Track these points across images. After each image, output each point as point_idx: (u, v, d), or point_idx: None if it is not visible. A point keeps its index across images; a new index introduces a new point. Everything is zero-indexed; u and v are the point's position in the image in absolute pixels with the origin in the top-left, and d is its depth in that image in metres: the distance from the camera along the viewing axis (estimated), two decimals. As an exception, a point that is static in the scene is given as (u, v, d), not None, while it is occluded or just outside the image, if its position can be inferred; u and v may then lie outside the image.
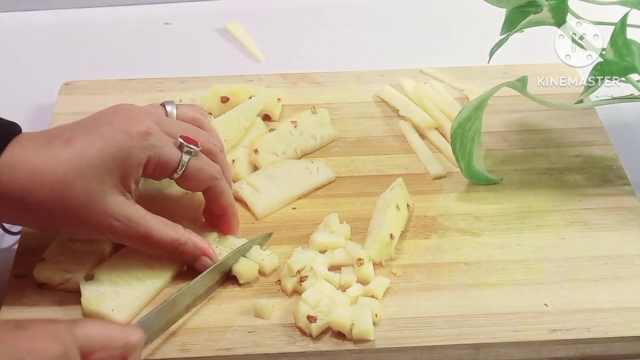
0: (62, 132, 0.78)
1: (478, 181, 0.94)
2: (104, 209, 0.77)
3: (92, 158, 0.76)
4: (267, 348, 0.78)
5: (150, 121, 0.79)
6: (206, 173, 0.81)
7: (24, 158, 0.75)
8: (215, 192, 0.83)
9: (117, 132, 0.77)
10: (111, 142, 0.76)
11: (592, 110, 1.03)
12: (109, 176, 0.76)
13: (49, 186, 0.75)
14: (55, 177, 0.75)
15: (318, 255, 0.85)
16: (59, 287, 0.82)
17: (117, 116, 0.79)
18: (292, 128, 0.98)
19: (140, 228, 0.79)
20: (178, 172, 0.80)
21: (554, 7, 0.90)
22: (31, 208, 0.76)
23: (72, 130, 0.78)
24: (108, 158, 0.76)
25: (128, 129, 0.77)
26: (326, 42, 1.21)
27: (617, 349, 0.79)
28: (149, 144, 0.77)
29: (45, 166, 0.75)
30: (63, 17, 1.25)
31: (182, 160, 0.79)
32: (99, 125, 0.78)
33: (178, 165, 0.79)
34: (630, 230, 0.89)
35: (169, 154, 0.79)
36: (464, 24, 1.23)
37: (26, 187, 0.75)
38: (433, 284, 0.83)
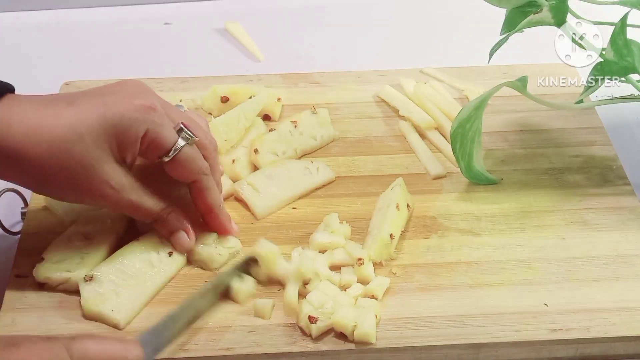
0: (65, 96, 0.78)
1: (478, 181, 0.94)
2: (99, 174, 0.77)
3: (92, 122, 0.76)
4: (267, 348, 0.78)
5: (156, 99, 0.80)
6: (196, 164, 0.81)
7: (23, 114, 0.74)
8: (201, 187, 0.83)
9: (121, 101, 0.77)
10: (113, 109, 0.76)
11: (592, 110, 1.03)
12: (106, 142, 0.76)
13: (46, 145, 0.74)
14: (53, 136, 0.74)
15: (318, 255, 0.85)
16: (59, 287, 0.82)
17: (124, 88, 0.79)
18: (292, 128, 0.98)
19: (131, 196, 0.79)
20: (170, 155, 0.79)
21: (554, 7, 0.90)
22: (27, 165, 0.75)
23: (76, 95, 0.79)
24: (108, 124, 0.76)
25: (133, 100, 0.77)
26: (326, 42, 1.21)
27: (617, 349, 0.79)
28: (150, 118, 0.77)
29: (44, 124, 0.74)
30: (63, 17, 1.25)
31: (177, 143, 0.79)
32: (104, 93, 0.79)
33: (171, 149, 0.79)
34: (630, 230, 0.89)
35: (166, 135, 0.79)
36: (464, 24, 1.24)
37: (23, 143, 0.74)
38: (433, 284, 0.83)
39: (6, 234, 0.90)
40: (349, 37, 1.23)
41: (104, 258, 0.83)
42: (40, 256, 0.83)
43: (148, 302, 0.81)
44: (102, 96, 0.78)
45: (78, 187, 0.77)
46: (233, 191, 0.92)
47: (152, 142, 0.79)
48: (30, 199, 0.91)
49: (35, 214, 0.89)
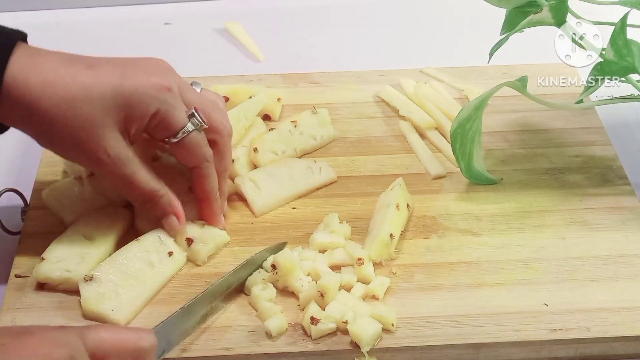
0: (87, 58, 0.80)
1: (478, 181, 0.94)
2: (100, 140, 0.78)
3: (105, 89, 0.77)
4: (267, 348, 0.78)
5: (174, 81, 0.80)
6: (201, 151, 0.82)
7: (42, 67, 0.76)
8: (201, 173, 0.84)
9: (139, 75, 0.78)
10: (129, 81, 0.78)
11: (592, 110, 1.03)
12: (115, 111, 0.77)
13: (57, 100, 0.76)
14: (66, 93, 0.76)
15: (318, 255, 0.85)
16: (59, 287, 0.82)
17: (146, 63, 0.80)
18: (292, 128, 0.98)
19: (125, 169, 0.80)
20: (177, 137, 0.80)
21: (554, 7, 0.90)
22: (37, 116, 0.77)
23: (98, 60, 0.80)
24: (120, 94, 0.77)
25: (150, 77, 0.78)
26: (326, 42, 1.21)
27: (617, 349, 0.79)
28: (163, 98, 0.78)
29: (59, 80, 0.76)
30: (63, 17, 1.25)
31: (186, 127, 0.80)
32: (125, 64, 0.79)
33: (179, 131, 0.80)
34: (630, 230, 0.89)
35: (177, 116, 0.80)
36: (464, 24, 1.24)
37: (38, 95, 0.76)
38: (433, 284, 0.83)
39: (6, 234, 0.90)
40: (349, 37, 1.23)
41: (104, 258, 0.83)
42: (40, 256, 0.83)
43: (148, 302, 0.81)
44: (122, 66, 0.79)
45: (78, 147, 0.79)
46: (234, 187, 0.92)
47: (161, 122, 0.79)
48: (30, 199, 0.91)
49: (35, 214, 0.90)
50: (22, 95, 0.76)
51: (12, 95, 0.76)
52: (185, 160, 0.83)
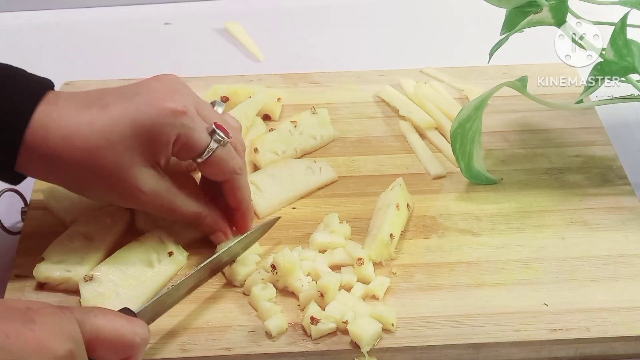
0: (101, 97, 0.79)
1: (478, 181, 0.94)
2: (132, 180, 0.78)
3: (124, 129, 0.76)
4: (267, 348, 0.78)
5: (189, 100, 0.79)
6: (229, 165, 0.82)
7: (59, 120, 0.76)
8: (233, 186, 0.83)
9: (152, 105, 0.77)
10: (145, 114, 0.77)
11: (592, 110, 1.03)
12: (138, 148, 0.77)
13: (80, 152, 0.76)
14: (87, 144, 0.76)
15: (318, 255, 0.85)
16: (59, 287, 0.82)
17: (158, 87, 0.79)
18: (292, 128, 0.98)
19: (164, 200, 0.80)
20: (203, 157, 0.80)
21: (554, 7, 0.90)
22: (62, 169, 0.77)
23: (111, 95, 0.79)
24: (139, 130, 0.77)
25: (164, 104, 0.77)
26: (326, 42, 1.21)
27: (617, 349, 0.79)
28: (181, 122, 0.78)
29: (78, 132, 0.76)
30: (63, 17, 1.25)
31: (210, 146, 0.80)
32: (138, 92, 0.78)
33: (204, 151, 0.80)
34: (630, 230, 0.89)
35: (198, 137, 0.79)
36: (464, 24, 1.24)
37: (58, 149, 0.76)
38: (433, 284, 0.83)
39: (6, 234, 0.90)
40: (349, 37, 1.22)
41: (104, 258, 0.83)
42: (40, 256, 0.83)
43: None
44: (134, 99, 0.78)
45: (112, 191, 0.79)
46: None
47: (184, 145, 0.79)
48: (30, 199, 0.91)
49: (35, 214, 0.89)
50: (44, 152, 0.76)
51: (34, 152, 0.76)
52: (215, 177, 0.83)
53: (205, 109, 0.82)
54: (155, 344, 0.78)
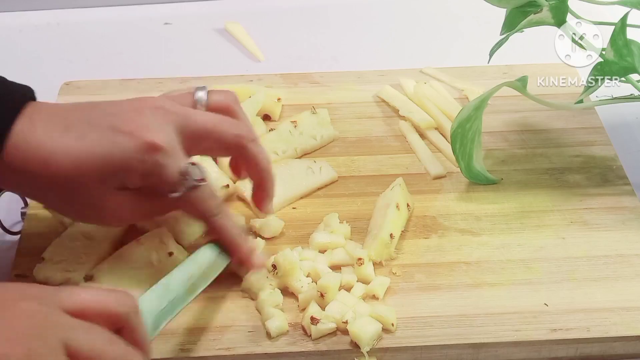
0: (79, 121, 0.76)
1: (478, 181, 0.94)
2: (108, 206, 0.77)
3: (96, 160, 0.75)
4: (267, 348, 0.78)
5: (169, 129, 0.77)
6: (201, 208, 0.78)
7: (37, 142, 0.74)
8: (213, 227, 0.80)
9: (128, 136, 0.75)
10: (119, 146, 0.75)
11: (592, 110, 1.03)
12: (110, 179, 0.76)
13: (57, 178, 0.75)
14: (63, 171, 0.75)
15: (318, 255, 0.85)
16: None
17: (138, 114, 0.77)
18: (292, 128, 0.98)
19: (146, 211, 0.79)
20: (172, 196, 0.77)
21: (554, 7, 0.90)
22: (43, 190, 0.77)
23: (90, 121, 0.76)
24: (111, 164, 0.75)
25: (140, 135, 0.75)
26: (326, 42, 1.21)
27: (617, 349, 0.79)
28: (153, 160, 0.75)
29: (54, 158, 0.75)
30: (63, 17, 1.25)
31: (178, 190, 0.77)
32: (115, 120, 0.76)
33: (173, 191, 0.77)
34: (630, 230, 0.89)
35: (169, 177, 0.76)
36: (464, 24, 1.24)
37: (36, 172, 0.75)
38: (433, 284, 0.83)
39: (6, 234, 0.90)
40: (349, 37, 1.22)
41: (104, 258, 0.83)
42: (40, 256, 0.83)
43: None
44: (113, 128, 0.75)
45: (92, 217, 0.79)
46: (235, 190, 0.92)
47: (153, 182, 0.77)
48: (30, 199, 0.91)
49: (35, 214, 0.89)
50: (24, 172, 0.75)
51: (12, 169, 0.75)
52: (191, 215, 0.81)
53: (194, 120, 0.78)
54: (155, 344, 0.78)
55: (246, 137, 0.81)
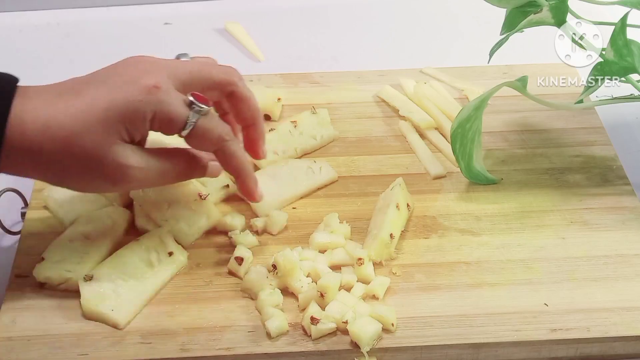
0: (73, 85, 0.78)
1: (478, 181, 0.94)
2: (115, 158, 0.76)
3: (99, 111, 0.76)
4: (267, 348, 0.78)
5: (162, 75, 0.78)
6: (214, 134, 0.80)
7: (35, 112, 0.75)
8: (225, 154, 0.81)
9: (125, 84, 0.77)
10: (118, 94, 0.76)
11: (592, 110, 1.03)
12: (115, 128, 0.76)
13: (59, 141, 0.75)
14: (64, 131, 0.75)
15: (318, 255, 0.85)
16: (59, 287, 0.82)
17: (130, 67, 0.79)
18: (292, 128, 0.98)
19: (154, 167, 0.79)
20: (185, 130, 0.78)
21: (554, 7, 0.90)
22: (43, 162, 0.76)
23: (83, 82, 0.78)
24: (114, 110, 0.76)
25: (137, 81, 0.77)
26: (326, 42, 1.21)
27: (617, 349, 0.79)
28: (156, 99, 0.76)
29: (54, 120, 0.75)
30: (63, 17, 1.25)
31: (190, 119, 0.78)
32: (110, 75, 0.78)
33: (185, 124, 0.78)
34: (630, 230, 0.89)
35: (176, 111, 0.77)
36: (464, 24, 1.24)
37: (37, 141, 0.75)
38: (433, 284, 0.83)
39: (6, 234, 0.90)
40: (349, 37, 1.23)
41: (104, 258, 0.84)
42: (40, 256, 0.83)
43: (148, 302, 0.81)
44: (107, 81, 0.77)
45: (98, 176, 0.77)
46: (235, 190, 0.92)
47: (162, 122, 0.78)
48: (30, 199, 0.91)
49: (35, 214, 0.89)
50: (23, 147, 0.75)
51: (13, 148, 0.75)
52: (203, 148, 0.81)
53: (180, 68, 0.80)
54: (155, 344, 0.78)
55: (235, 75, 0.83)
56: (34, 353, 0.77)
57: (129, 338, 0.78)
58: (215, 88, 0.82)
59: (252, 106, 0.84)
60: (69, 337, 0.78)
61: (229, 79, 0.82)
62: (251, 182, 0.85)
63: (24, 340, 0.78)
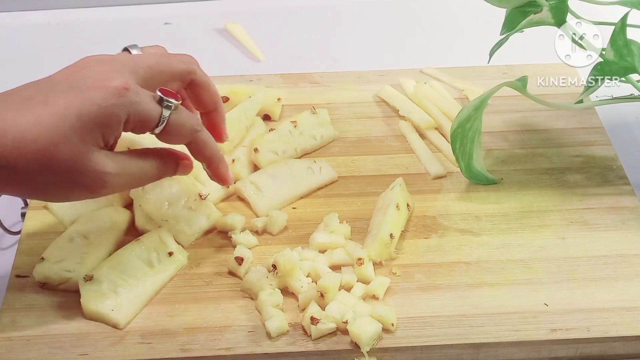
0: (32, 93, 0.75)
1: (478, 181, 0.94)
2: (94, 166, 0.74)
3: (72, 119, 0.73)
4: (267, 348, 0.78)
5: (126, 73, 0.76)
6: (187, 127, 0.79)
7: (2, 124, 0.72)
8: (198, 144, 0.80)
9: (93, 88, 0.74)
10: (89, 99, 0.74)
11: (592, 110, 1.03)
12: (91, 135, 0.74)
13: (33, 155, 0.72)
14: (38, 145, 0.72)
15: (318, 255, 0.85)
16: (59, 287, 0.82)
17: (91, 69, 0.76)
18: (292, 128, 0.98)
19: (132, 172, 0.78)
20: (159, 127, 0.77)
21: (554, 7, 0.90)
22: (17, 178, 0.73)
23: (44, 88, 0.75)
24: (88, 117, 0.73)
25: (105, 85, 0.74)
26: (326, 42, 1.21)
27: (617, 349, 0.79)
28: (128, 100, 0.74)
29: (27, 134, 0.72)
30: (63, 17, 1.25)
31: (163, 115, 0.76)
32: (73, 80, 0.75)
33: (159, 121, 0.76)
34: (630, 230, 0.89)
35: (149, 110, 0.76)
36: (464, 24, 1.24)
37: (11, 157, 0.72)
38: (433, 284, 0.83)
39: (6, 234, 0.90)
40: (349, 37, 1.23)
41: (104, 258, 0.84)
42: (40, 256, 0.83)
43: (148, 302, 0.81)
44: (73, 87, 0.75)
45: (77, 186, 0.75)
46: (235, 190, 0.92)
47: (137, 122, 0.76)
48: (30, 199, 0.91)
49: (35, 214, 0.89)
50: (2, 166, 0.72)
51: None
52: (177, 142, 0.80)
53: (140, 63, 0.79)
54: (155, 344, 0.78)
55: (193, 63, 0.83)
56: (34, 353, 0.77)
57: (129, 338, 0.78)
58: (176, 79, 0.81)
59: (212, 91, 0.84)
60: (69, 337, 0.78)
61: (189, 67, 0.82)
62: (224, 167, 0.84)
63: (24, 340, 0.78)
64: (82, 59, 0.79)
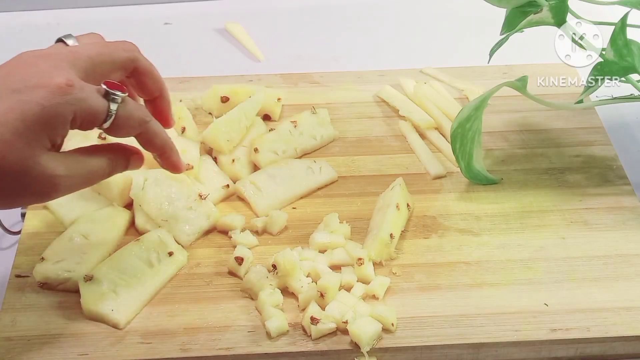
0: None
1: (478, 181, 0.94)
2: (44, 170, 0.71)
3: (15, 123, 0.69)
4: (267, 348, 0.78)
5: (67, 68, 0.72)
6: (135, 120, 0.75)
7: None
8: (148, 135, 0.77)
9: (35, 89, 0.70)
10: (31, 101, 0.69)
11: (592, 110, 1.03)
12: (37, 138, 0.70)
13: None
14: None
15: (318, 255, 0.85)
16: (59, 287, 0.82)
17: (28, 67, 0.72)
18: (292, 128, 0.98)
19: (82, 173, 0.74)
20: (107, 122, 0.73)
21: (554, 7, 0.90)
22: None
23: None
24: (32, 120, 0.70)
25: (46, 82, 0.70)
26: (326, 42, 1.21)
27: (617, 349, 0.79)
28: (73, 98, 0.71)
29: None
30: (63, 17, 1.25)
31: (110, 110, 0.73)
32: (12, 82, 0.71)
33: (106, 116, 0.73)
34: (630, 230, 0.89)
35: (96, 106, 0.72)
36: (464, 24, 1.24)
37: None
38: (433, 284, 0.83)
39: (6, 234, 0.90)
40: (349, 37, 1.23)
41: (104, 258, 0.84)
42: (40, 256, 0.83)
43: (148, 302, 0.81)
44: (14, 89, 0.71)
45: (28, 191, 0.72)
46: (235, 190, 0.92)
47: (84, 120, 0.73)
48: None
49: (35, 214, 0.89)
50: None
51: None
52: (126, 135, 0.77)
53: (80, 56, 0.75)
54: (155, 344, 0.78)
55: (135, 50, 0.80)
56: (34, 353, 0.77)
57: (129, 338, 0.78)
58: (119, 69, 0.78)
59: (156, 77, 0.81)
60: (69, 337, 0.78)
61: (131, 55, 0.79)
62: (176, 155, 0.81)
63: (24, 340, 0.78)
64: (17, 56, 0.75)
